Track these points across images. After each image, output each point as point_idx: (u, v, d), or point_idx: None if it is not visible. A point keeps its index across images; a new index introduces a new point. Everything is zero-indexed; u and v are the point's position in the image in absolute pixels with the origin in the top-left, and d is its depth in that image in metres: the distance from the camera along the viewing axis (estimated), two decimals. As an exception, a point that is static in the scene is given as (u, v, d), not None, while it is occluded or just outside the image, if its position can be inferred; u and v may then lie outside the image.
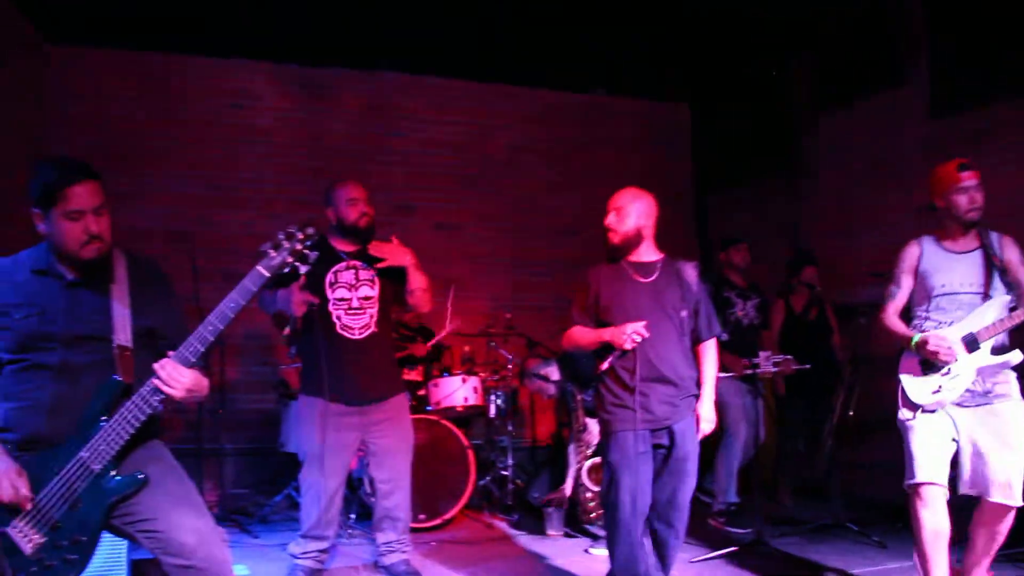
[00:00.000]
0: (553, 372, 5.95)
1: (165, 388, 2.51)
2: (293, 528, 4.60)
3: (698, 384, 3.82)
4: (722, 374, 5.37)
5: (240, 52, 7.18)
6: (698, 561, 4.69)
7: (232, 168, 7.20)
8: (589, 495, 5.32)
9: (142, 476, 2.57)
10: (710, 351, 3.86)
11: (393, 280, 4.38)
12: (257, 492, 6.42)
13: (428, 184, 7.69)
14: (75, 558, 2.52)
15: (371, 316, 4.31)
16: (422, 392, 5.96)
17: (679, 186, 8.33)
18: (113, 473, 2.55)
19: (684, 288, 3.80)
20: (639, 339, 3.59)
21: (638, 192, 3.98)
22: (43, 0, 6.19)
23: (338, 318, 4.27)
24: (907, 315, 3.87)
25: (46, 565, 2.50)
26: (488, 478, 6.14)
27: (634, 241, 3.86)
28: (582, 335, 3.84)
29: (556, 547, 5.11)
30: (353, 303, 4.29)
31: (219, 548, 2.63)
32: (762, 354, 5.17)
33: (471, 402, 5.83)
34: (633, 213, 3.87)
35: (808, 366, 5.19)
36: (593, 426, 5.41)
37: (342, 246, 4.37)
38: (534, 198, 7.95)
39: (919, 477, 3.59)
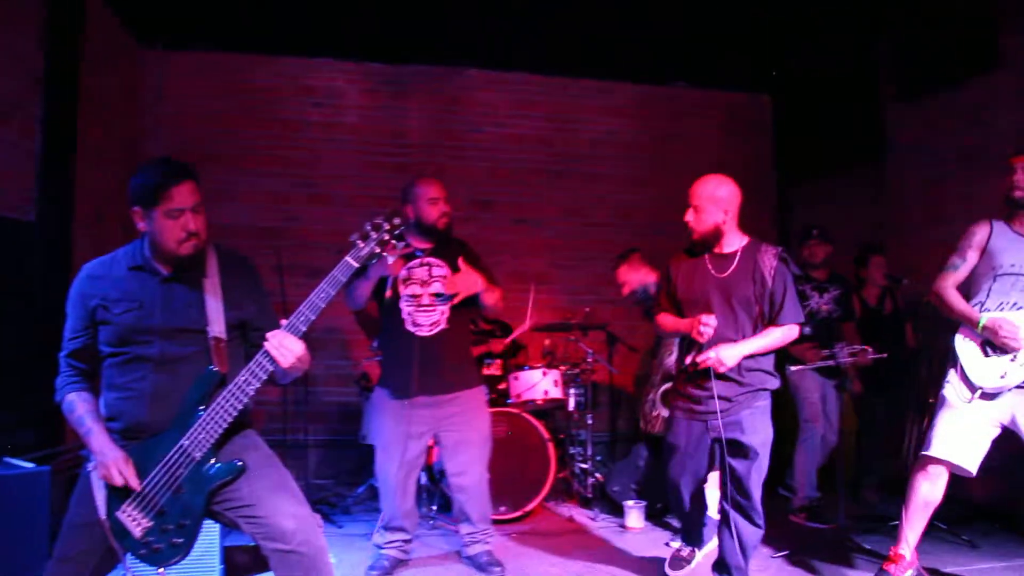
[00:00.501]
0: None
1: (276, 355, 2.58)
2: (375, 518, 4.65)
3: (768, 374, 3.80)
4: (797, 367, 5.42)
5: (323, 51, 7.31)
6: (779, 557, 4.60)
7: (316, 165, 7.33)
8: (655, 414, 5.50)
9: (240, 463, 2.67)
10: (775, 329, 3.74)
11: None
12: (339, 483, 6.53)
13: (508, 179, 7.71)
14: (180, 541, 2.64)
15: (442, 313, 4.32)
16: (503, 386, 5.99)
17: (761, 178, 8.15)
18: (213, 460, 2.64)
19: (757, 281, 3.75)
20: (709, 332, 3.64)
21: (717, 183, 3.95)
22: (137, 7, 6.41)
23: (408, 314, 4.31)
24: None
25: (154, 548, 2.63)
26: (568, 471, 6.13)
27: (712, 237, 3.89)
28: (665, 322, 3.99)
29: (636, 540, 5.07)
30: (424, 300, 4.32)
31: (316, 534, 2.71)
32: (838, 345, 5.10)
33: (551, 395, 5.82)
34: (711, 209, 3.87)
35: (884, 355, 5.06)
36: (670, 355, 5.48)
37: (418, 243, 4.40)
38: (614, 192, 7.89)
39: (934, 451, 3.73)
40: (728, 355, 3.64)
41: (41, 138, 5.24)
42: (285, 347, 2.60)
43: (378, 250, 2.74)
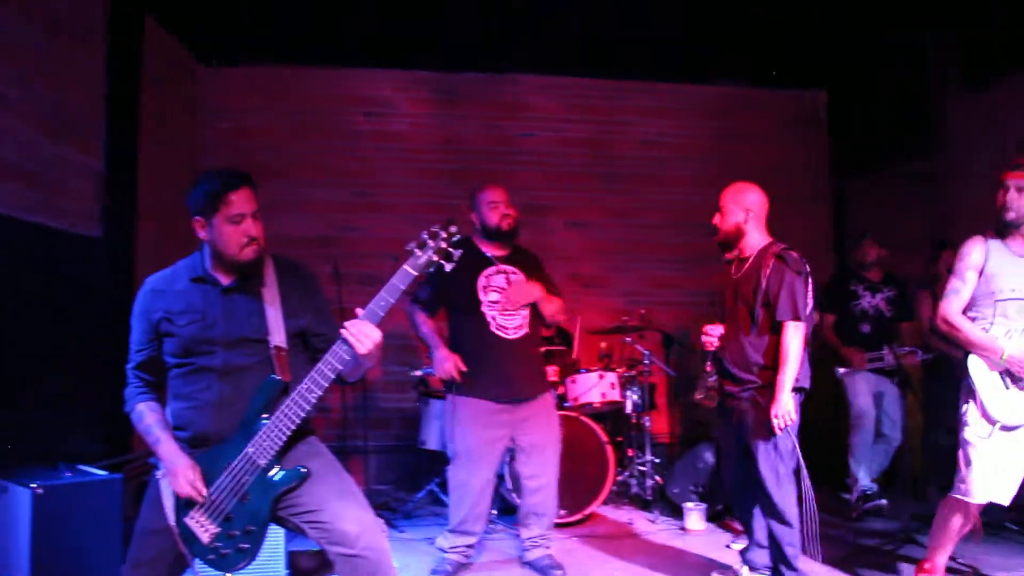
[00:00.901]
0: None
1: (354, 341, 2.59)
2: (436, 523, 4.70)
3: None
4: (844, 369, 5.61)
5: (374, 62, 7.40)
6: (842, 558, 4.53)
7: (371, 175, 7.42)
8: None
9: (304, 470, 2.71)
10: (783, 338, 3.72)
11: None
12: (399, 488, 6.60)
13: (562, 183, 7.71)
14: (247, 547, 2.69)
15: (523, 317, 4.42)
16: (560, 390, 5.99)
17: (817, 175, 8.05)
18: (277, 467, 2.69)
19: (757, 281, 3.84)
20: (710, 341, 4.03)
21: (741, 187, 4.14)
22: (194, 25, 6.58)
23: (492, 318, 4.37)
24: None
25: (222, 553, 2.70)
26: (627, 474, 6.11)
27: (733, 238, 4.06)
28: None
29: (696, 542, 5.04)
30: (507, 305, 4.39)
31: (380, 538, 2.73)
32: (886, 347, 5.07)
33: (608, 398, 5.81)
34: (733, 210, 4.05)
35: (929, 356, 5.01)
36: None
37: (489, 249, 4.48)
38: (669, 193, 7.85)
39: (977, 498, 3.57)
40: (781, 408, 3.66)
41: (104, 156, 5.41)
42: (363, 333, 2.61)
43: (435, 258, 2.71)
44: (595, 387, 5.79)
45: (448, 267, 2.74)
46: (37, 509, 3.68)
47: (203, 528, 2.70)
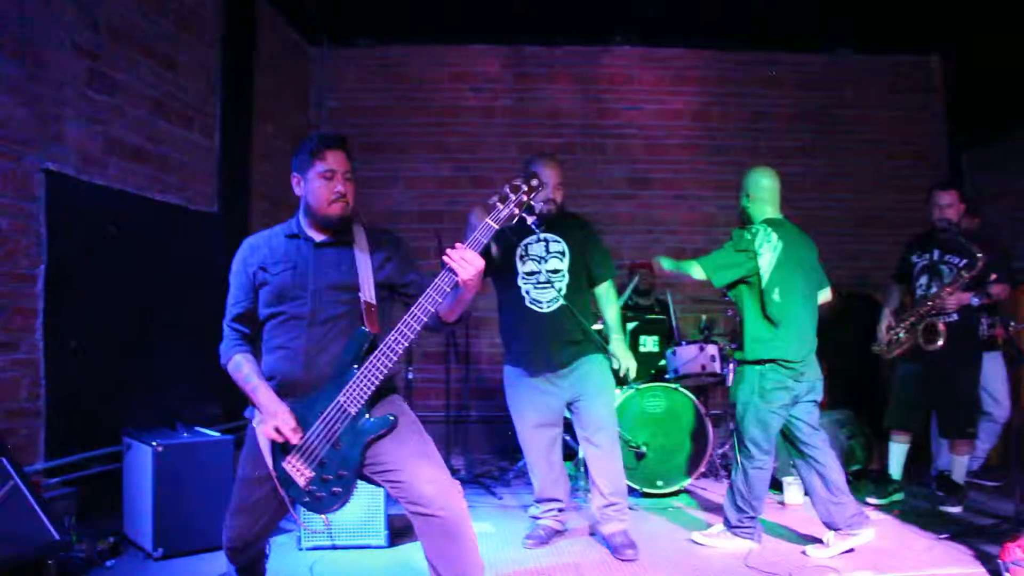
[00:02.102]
0: None
1: (456, 266, 2.69)
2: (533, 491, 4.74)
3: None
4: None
5: (478, 38, 7.50)
6: (943, 539, 4.40)
7: (475, 150, 7.55)
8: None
9: (392, 418, 2.83)
10: None
11: (583, 255, 4.36)
12: (500, 457, 6.73)
13: (666, 155, 7.66)
14: (339, 490, 2.83)
15: (559, 289, 4.30)
16: (662, 361, 5.99)
17: (930, 143, 7.73)
18: (367, 415, 2.81)
19: None
20: None
21: (748, 172, 4.65)
22: (303, 8, 6.81)
23: (527, 292, 4.32)
24: None
25: (316, 496, 2.84)
26: (727, 447, 6.06)
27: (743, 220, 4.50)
28: None
29: (795, 516, 4.97)
30: (541, 277, 4.31)
31: (456, 499, 2.79)
32: (984, 319, 4.91)
33: (709, 370, 5.77)
34: (740, 195, 4.58)
35: (1010, 328, 4.78)
36: None
37: (535, 219, 4.32)
38: (776, 164, 7.61)
39: None
40: None
41: (220, 136, 5.70)
42: (466, 260, 2.69)
43: (516, 211, 2.80)
44: (695, 359, 5.76)
45: (530, 220, 2.89)
46: (157, 465, 3.97)
47: (299, 472, 2.83)
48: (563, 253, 4.34)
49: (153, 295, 5.00)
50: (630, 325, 6.21)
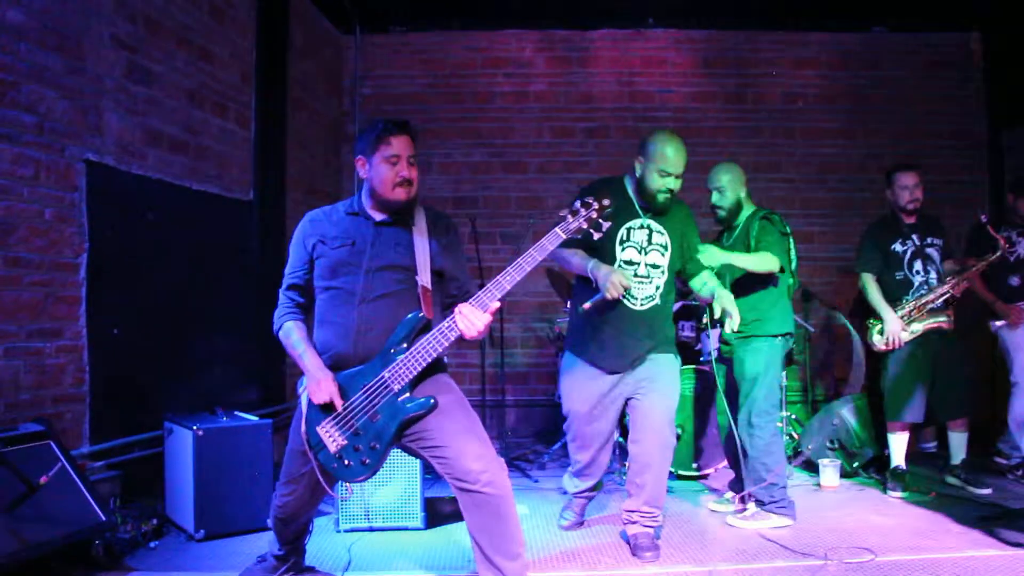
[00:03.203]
0: None
1: (463, 329, 2.84)
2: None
3: None
4: (1000, 322, 5.36)
5: (510, 23, 7.49)
6: (983, 520, 4.34)
7: (508, 135, 7.54)
8: None
9: (433, 401, 2.91)
10: None
11: (683, 252, 4.11)
12: (536, 441, 6.78)
13: (700, 137, 7.58)
14: (369, 461, 2.94)
15: (656, 288, 4.01)
16: (698, 346, 5.97)
17: (969, 123, 7.58)
18: (408, 395, 2.91)
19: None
20: None
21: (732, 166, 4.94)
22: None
23: None
24: None
25: (345, 463, 2.95)
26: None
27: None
28: None
29: (831, 499, 4.96)
30: (640, 269, 3.98)
31: (501, 476, 2.88)
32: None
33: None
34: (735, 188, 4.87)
35: None
36: None
37: (642, 201, 4.05)
38: (812, 146, 7.61)
39: None
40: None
41: (255, 125, 5.77)
42: (471, 321, 2.83)
43: (585, 226, 2.94)
44: (729, 342, 5.73)
45: (596, 236, 2.95)
46: (198, 448, 4.06)
47: (332, 438, 2.95)
48: (665, 247, 4.04)
49: (191, 282, 5.09)
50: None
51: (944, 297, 4.94)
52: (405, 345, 2.90)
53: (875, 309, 5.04)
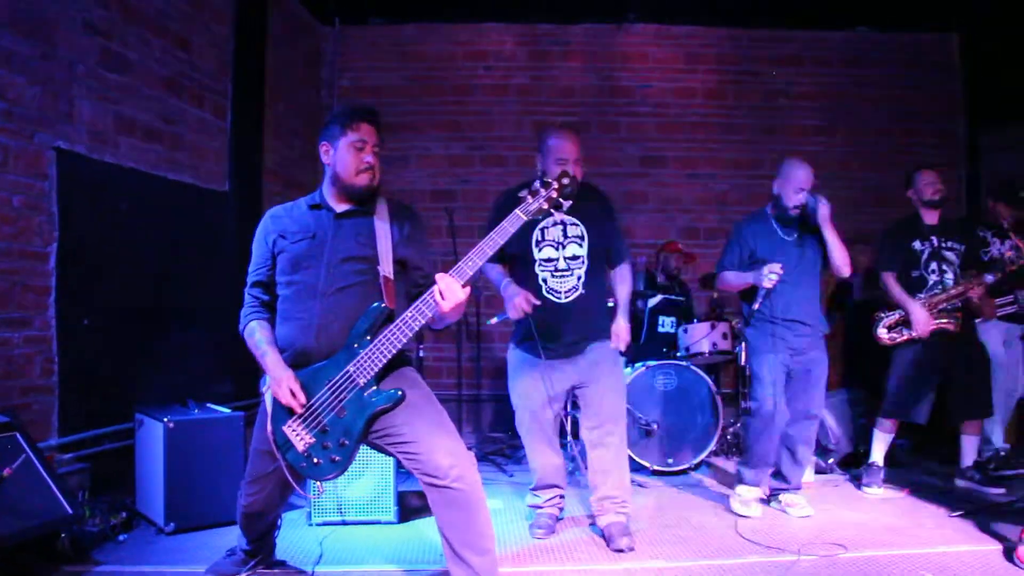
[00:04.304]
0: None
1: (439, 298, 2.76)
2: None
3: None
4: (979, 320, 5.27)
5: (491, 16, 7.45)
6: (955, 516, 4.38)
7: (488, 128, 7.52)
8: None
9: (400, 393, 2.86)
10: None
11: (603, 239, 4.11)
12: (512, 436, 6.71)
13: (680, 134, 7.61)
14: (339, 459, 2.87)
15: (578, 278, 4.05)
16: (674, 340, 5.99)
17: (948, 124, 7.64)
18: (375, 388, 2.86)
19: None
20: None
21: None
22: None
23: (544, 280, 4.04)
24: None
25: (315, 462, 2.88)
26: (738, 425, 6.06)
27: None
28: None
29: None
30: (559, 264, 4.03)
31: (471, 471, 2.83)
32: (1020, 292, 4.85)
33: (720, 348, 5.76)
34: None
35: None
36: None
37: None
38: (791, 144, 7.61)
39: None
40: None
41: (231, 115, 5.71)
42: (451, 290, 2.76)
43: (546, 206, 2.88)
44: (706, 337, 5.75)
45: (557, 216, 2.95)
46: (168, 440, 4.01)
47: (299, 437, 2.89)
48: (582, 237, 4.05)
49: (165, 273, 5.03)
50: (652, 302, 6.17)
51: (956, 299, 4.93)
52: (369, 337, 2.86)
53: (898, 305, 4.98)
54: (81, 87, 4.35)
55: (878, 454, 5.06)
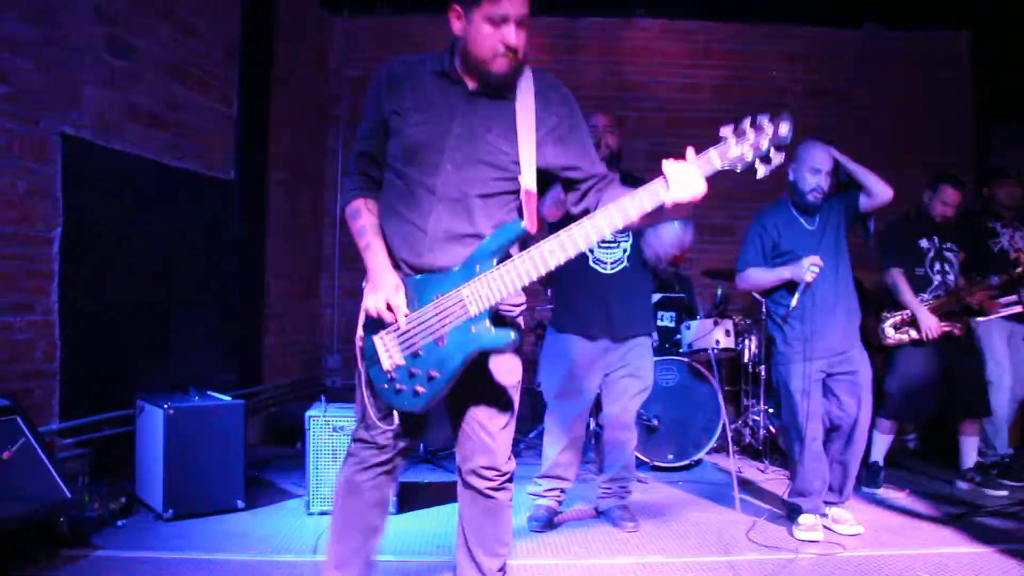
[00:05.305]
0: None
1: (673, 181, 2.22)
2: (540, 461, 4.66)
3: None
4: (981, 318, 5.19)
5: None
6: (956, 518, 4.37)
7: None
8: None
9: (514, 336, 2.32)
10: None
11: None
12: (517, 428, 6.73)
13: (687, 130, 7.57)
14: (423, 391, 2.37)
15: (624, 251, 4.07)
16: (677, 336, 5.97)
17: (957, 122, 7.60)
18: (488, 322, 2.30)
19: None
20: None
21: None
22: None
23: (590, 251, 4.02)
24: None
25: (396, 387, 2.40)
26: (740, 422, 6.05)
27: None
28: None
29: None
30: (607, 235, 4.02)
31: (511, 485, 2.62)
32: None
33: (723, 345, 5.74)
34: None
35: None
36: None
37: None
38: (798, 139, 7.59)
39: None
40: None
41: (238, 104, 5.71)
42: (687, 174, 2.21)
43: (750, 158, 2.29)
44: (710, 333, 5.72)
45: (763, 172, 2.29)
46: (168, 427, 4.02)
47: (387, 353, 2.39)
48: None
49: (169, 261, 5.05)
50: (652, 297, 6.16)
51: (962, 302, 4.93)
52: (495, 261, 2.29)
53: (905, 305, 4.94)
54: (87, 73, 4.35)
55: (878, 453, 5.05)
